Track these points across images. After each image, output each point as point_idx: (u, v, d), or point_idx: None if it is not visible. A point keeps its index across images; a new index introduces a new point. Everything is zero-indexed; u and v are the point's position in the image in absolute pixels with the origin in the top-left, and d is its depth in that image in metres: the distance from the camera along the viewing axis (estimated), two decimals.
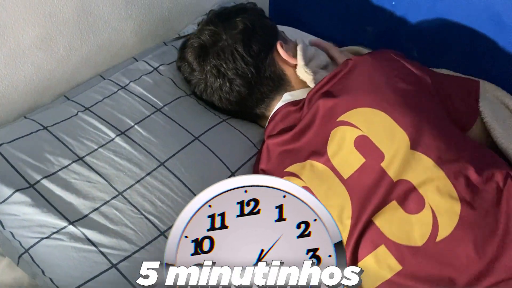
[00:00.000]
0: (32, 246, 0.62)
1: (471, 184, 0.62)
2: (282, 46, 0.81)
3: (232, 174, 0.75)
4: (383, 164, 0.64)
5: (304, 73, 0.78)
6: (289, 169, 0.71)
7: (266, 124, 0.80)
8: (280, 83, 0.80)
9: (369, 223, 0.63)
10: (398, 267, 0.61)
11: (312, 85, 0.77)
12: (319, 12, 1.09)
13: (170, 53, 0.90)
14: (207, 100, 0.82)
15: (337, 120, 0.69)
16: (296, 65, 0.81)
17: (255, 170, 0.77)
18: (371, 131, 0.66)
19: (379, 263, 0.62)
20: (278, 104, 0.79)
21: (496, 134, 0.71)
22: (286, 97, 0.79)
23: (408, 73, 0.71)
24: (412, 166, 0.63)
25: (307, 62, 0.79)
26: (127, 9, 0.84)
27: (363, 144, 0.66)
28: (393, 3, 0.94)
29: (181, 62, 0.84)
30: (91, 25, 0.79)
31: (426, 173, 0.62)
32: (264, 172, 0.75)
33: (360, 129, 0.66)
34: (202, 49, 0.79)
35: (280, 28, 0.87)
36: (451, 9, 0.88)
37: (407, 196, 0.62)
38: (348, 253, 0.64)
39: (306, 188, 0.69)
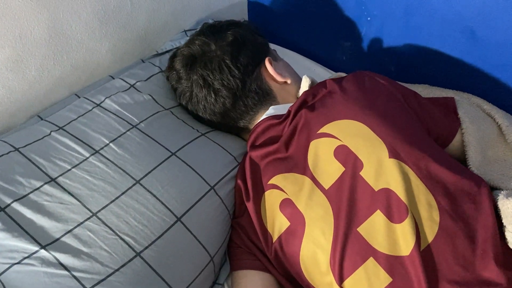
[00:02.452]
0: (3, 272, 0.60)
1: (448, 194, 0.61)
2: (270, 63, 0.81)
3: (211, 188, 0.73)
4: (362, 173, 0.63)
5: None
6: (272, 181, 0.71)
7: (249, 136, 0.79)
8: (266, 98, 0.80)
9: (355, 234, 0.62)
10: (388, 279, 0.60)
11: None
12: (297, 27, 1.10)
13: (148, 69, 0.90)
14: (192, 110, 0.82)
15: (317, 132, 0.69)
16: (284, 82, 0.81)
17: (237, 182, 0.76)
18: (350, 140, 0.66)
19: (369, 277, 0.61)
20: (262, 117, 0.79)
21: (470, 149, 0.72)
22: (271, 111, 0.79)
23: (384, 89, 0.72)
24: (392, 175, 0.62)
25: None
26: (102, 29, 0.83)
27: (343, 153, 0.66)
28: (369, 18, 0.95)
29: (169, 71, 0.84)
30: (64, 45, 0.78)
31: (406, 182, 0.62)
32: (247, 183, 0.74)
33: (339, 139, 0.67)
34: (190, 58, 0.80)
35: (273, 47, 0.87)
36: (425, 24, 0.89)
37: (390, 205, 0.61)
38: (335, 266, 0.62)
39: (288, 200, 0.68)
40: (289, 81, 0.82)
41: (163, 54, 0.95)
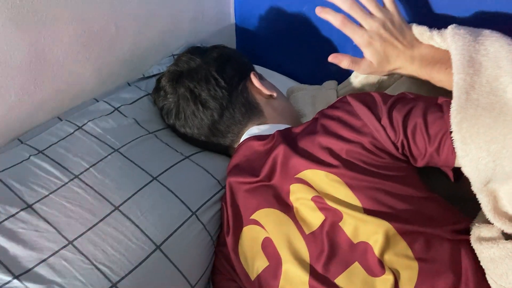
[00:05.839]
0: None
1: (427, 243, 0.59)
2: (256, 77, 0.82)
3: (193, 214, 0.72)
4: (341, 224, 0.62)
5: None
6: (254, 216, 0.69)
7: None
8: (253, 111, 0.80)
9: (333, 285, 0.60)
10: None
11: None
12: (283, 51, 1.11)
13: (133, 93, 0.89)
14: (179, 128, 0.81)
15: (295, 176, 0.67)
16: (270, 96, 0.82)
17: (222, 204, 0.75)
18: (325, 194, 0.64)
19: None
20: (244, 136, 0.78)
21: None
22: (253, 131, 0.78)
23: (363, 131, 0.65)
24: (371, 231, 0.60)
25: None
26: (85, 52, 0.83)
27: (321, 203, 0.64)
28: (354, 44, 0.94)
29: (156, 91, 0.84)
30: (45, 69, 0.78)
31: (384, 238, 0.59)
32: (228, 213, 0.72)
33: (315, 190, 0.65)
34: (177, 73, 0.81)
35: (261, 69, 0.88)
36: None
37: (368, 258, 0.59)
38: None
39: (268, 239, 0.66)
40: (275, 95, 0.82)
41: (150, 78, 0.95)
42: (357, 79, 0.84)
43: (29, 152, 0.73)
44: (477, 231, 0.59)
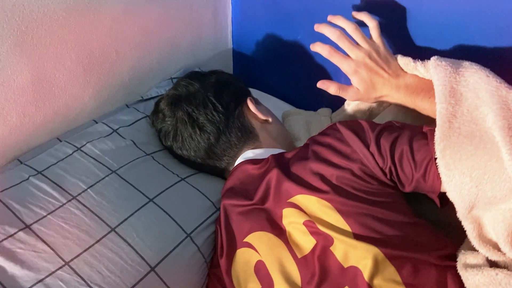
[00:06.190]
0: None
1: (415, 269, 0.60)
2: (252, 102, 0.85)
3: (188, 236, 0.73)
4: (332, 248, 0.63)
5: None
6: (247, 239, 0.70)
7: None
8: (249, 135, 0.82)
9: None
10: None
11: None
12: (279, 75, 1.14)
13: (132, 115, 0.92)
14: (176, 150, 0.84)
15: (287, 201, 0.69)
16: (266, 120, 0.84)
17: (216, 227, 0.76)
18: (316, 218, 0.66)
19: None
20: (239, 160, 0.80)
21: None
22: (248, 154, 0.80)
23: (353, 157, 0.67)
24: (361, 256, 0.61)
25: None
26: (86, 77, 0.85)
27: (312, 227, 0.66)
28: None
29: (155, 114, 0.87)
30: (47, 92, 0.80)
31: (373, 263, 0.60)
32: (222, 237, 0.73)
33: (307, 214, 0.66)
34: (175, 97, 0.84)
35: (257, 92, 0.90)
36: None
37: (357, 283, 0.61)
38: None
39: (260, 262, 0.68)
40: (270, 120, 0.85)
41: (148, 100, 0.97)
42: (349, 106, 0.87)
43: (28, 172, 0.75)
44: (463, 258, 0.60)
